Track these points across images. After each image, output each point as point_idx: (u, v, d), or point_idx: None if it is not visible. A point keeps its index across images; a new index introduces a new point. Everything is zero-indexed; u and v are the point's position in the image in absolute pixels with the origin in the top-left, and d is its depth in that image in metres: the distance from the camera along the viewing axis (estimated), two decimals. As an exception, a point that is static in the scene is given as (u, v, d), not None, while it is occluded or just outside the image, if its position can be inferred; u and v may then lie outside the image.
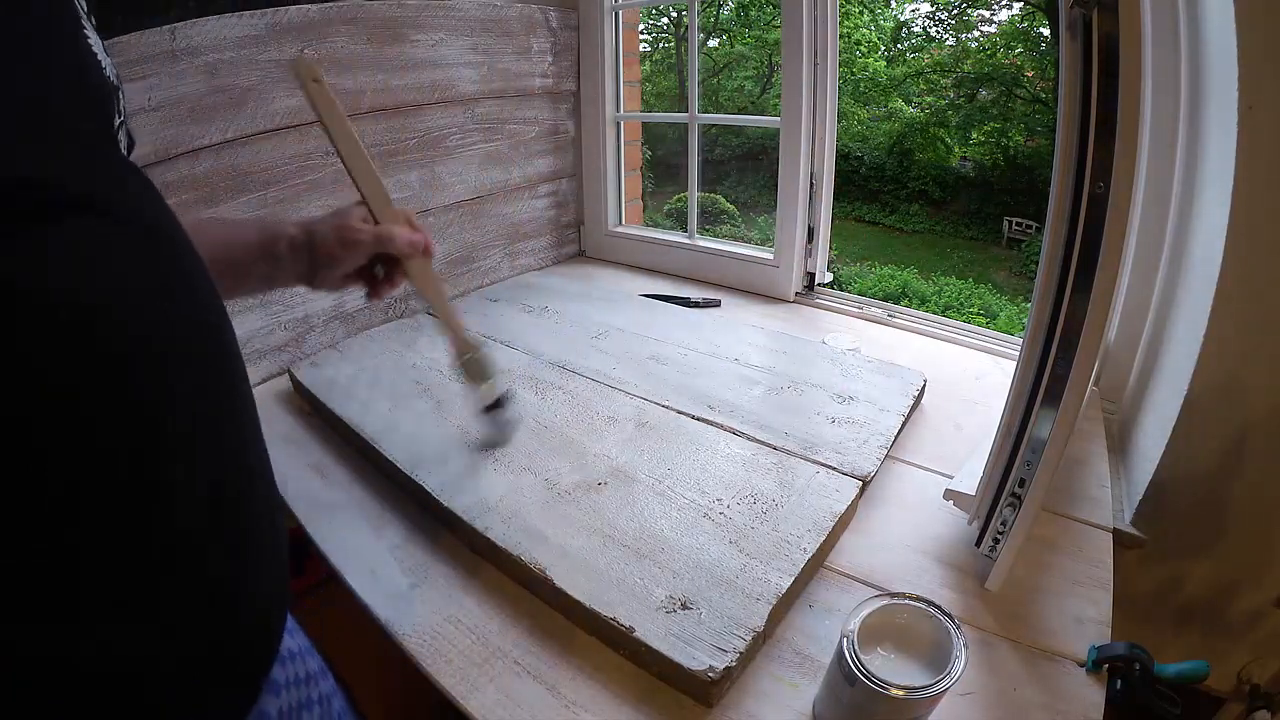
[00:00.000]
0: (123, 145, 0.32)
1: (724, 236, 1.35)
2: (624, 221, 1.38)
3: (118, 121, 0.31)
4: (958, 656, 0.38)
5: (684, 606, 0.49)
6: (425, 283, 0.56)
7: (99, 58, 0.29)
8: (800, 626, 0.51)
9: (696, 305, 1.11)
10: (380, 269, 0.55)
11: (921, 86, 10.46)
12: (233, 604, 0.31)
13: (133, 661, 0.26)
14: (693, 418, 0.73)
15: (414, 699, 0.53)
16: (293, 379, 0.84)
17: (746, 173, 10.41)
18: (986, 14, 9.91)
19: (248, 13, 0.78)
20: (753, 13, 10.62)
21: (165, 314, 0.28)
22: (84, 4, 0.30)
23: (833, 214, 1.12)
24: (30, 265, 0.22)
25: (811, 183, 1.08)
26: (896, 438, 0.71)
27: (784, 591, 0.50)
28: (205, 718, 0.31)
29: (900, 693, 0.37)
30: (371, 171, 0.54)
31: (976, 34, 9.97)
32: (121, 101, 0.32)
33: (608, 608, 0.49)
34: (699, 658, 0.45)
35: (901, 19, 10.61)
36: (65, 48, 0.27)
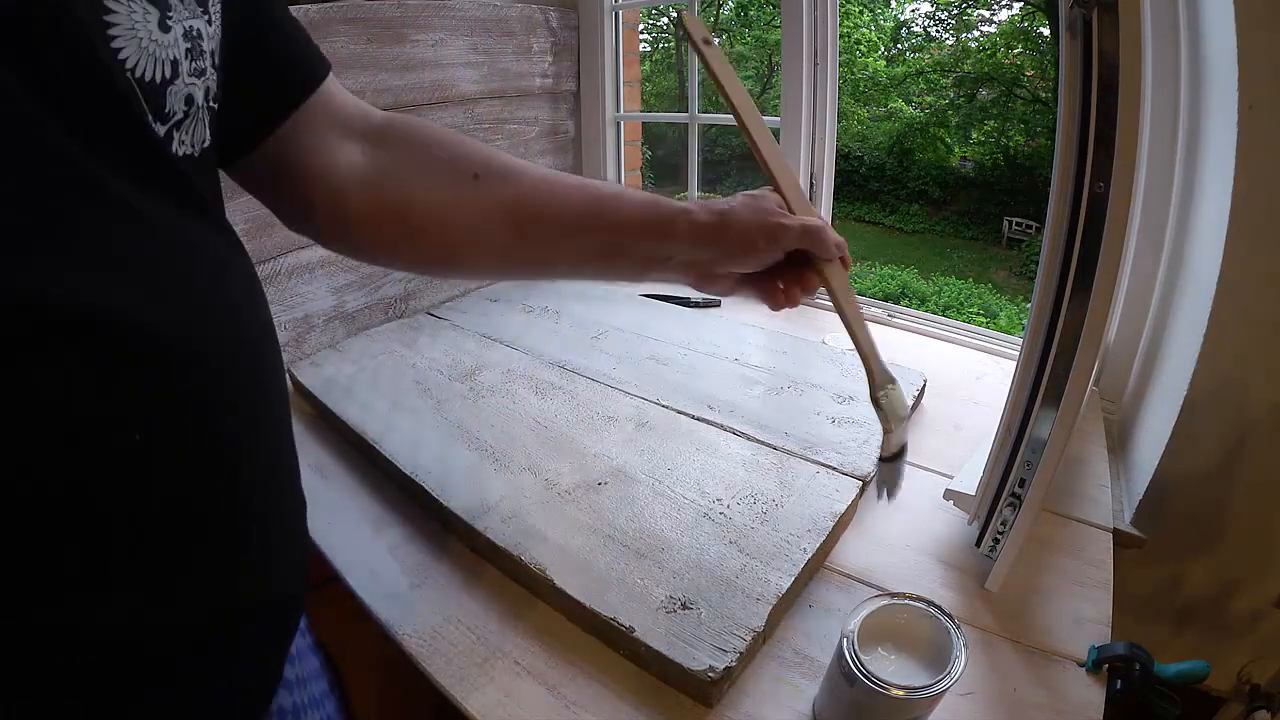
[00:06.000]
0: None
1: (724, 236, 1.35)
2: (624, 221, 1.38)
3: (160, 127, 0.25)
4: (958, 656, 0.38)
5: (684, 606, 0.49)
6: (845, 295, 0.44)
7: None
8: (800, 626, 0.51)
9: (696, 305, 1.11)
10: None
11: (921, 86, 10.47)
12: (256, 580, 0.31)
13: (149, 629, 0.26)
14: (693, 418, 0.73)
15: (413, 699, 0.53)
16: (293, 379, 0.84)
17: (746, 173, 10.39)
18: (986, 14, 9.93)
19: (248, 13, 0.77)
20: (753, 13, 10.63)
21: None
22: None
23: (833, 214, 1.12)
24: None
25: (811, 183, 1.08)
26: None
27: (784, 591, 0.50)
28: (232, 690, 0.31)
29: (900, 693, 0.37)
30: (780, 152, 0.45)
31: (976, 34, 9.98)
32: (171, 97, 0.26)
33: (608, 608, 0.49)
34: (699, 658, 0.45)
35: (901, 19, 10.63)
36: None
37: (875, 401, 0.46)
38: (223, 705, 0.31)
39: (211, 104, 0.29)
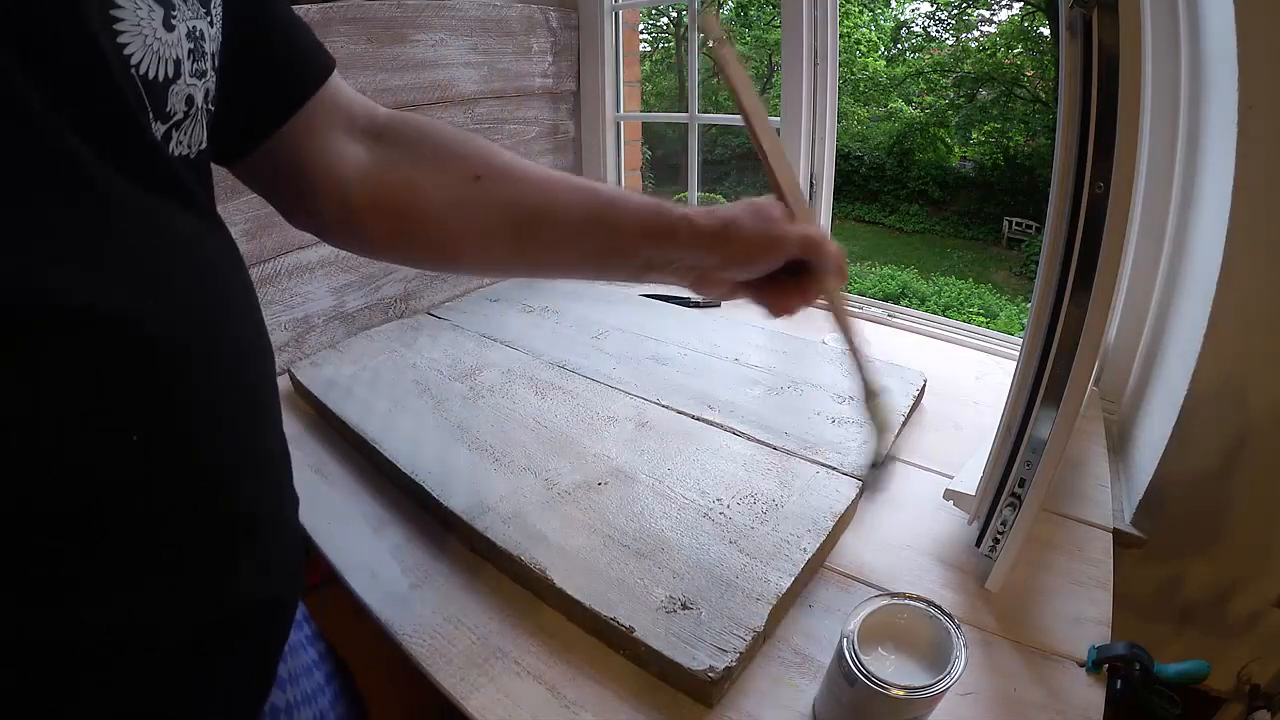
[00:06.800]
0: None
1: (724, 236, 1.35)
2: (624, 221, 1.38)
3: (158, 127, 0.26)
4: (958, 656, 0.38)
5: (684, 606, 0.49)
6: (841, 307, 0.45)
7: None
8: (800, 626, 0.51)
9: (696, 305, 1.11)
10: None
11: (921, 86, 10.48)
12: (240, 581, 0.31)
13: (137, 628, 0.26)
14: (693, 418, 0.73)
15: (411, 700, 0.53)
16: (293, 379, 0.84)
17: (746, 173, 10.40)
18: (986, 14, 9.93)
19: (248, 13, 0.77)
20: (753, 13, 10.63)
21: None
22: None
23: (833, 214, 1.12)
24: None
25: (811, 183, 1.08)
26: (896, 438, 0.71)
27: (784, 591, 0.50)
28: (219, 691, 0.31)
29: (900, 693, 0.37)
30: (786, 159, 0.43)
31: (976, 34, 9.99)
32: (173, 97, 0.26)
33: (608, 608, 0.49)
34: (699, 658, 0.45)
35: (901, 19, 10.63)
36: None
37: (868, 410, 0.47)
38: (216, 707, 0.31)
39: (210, 106, 0.29)
